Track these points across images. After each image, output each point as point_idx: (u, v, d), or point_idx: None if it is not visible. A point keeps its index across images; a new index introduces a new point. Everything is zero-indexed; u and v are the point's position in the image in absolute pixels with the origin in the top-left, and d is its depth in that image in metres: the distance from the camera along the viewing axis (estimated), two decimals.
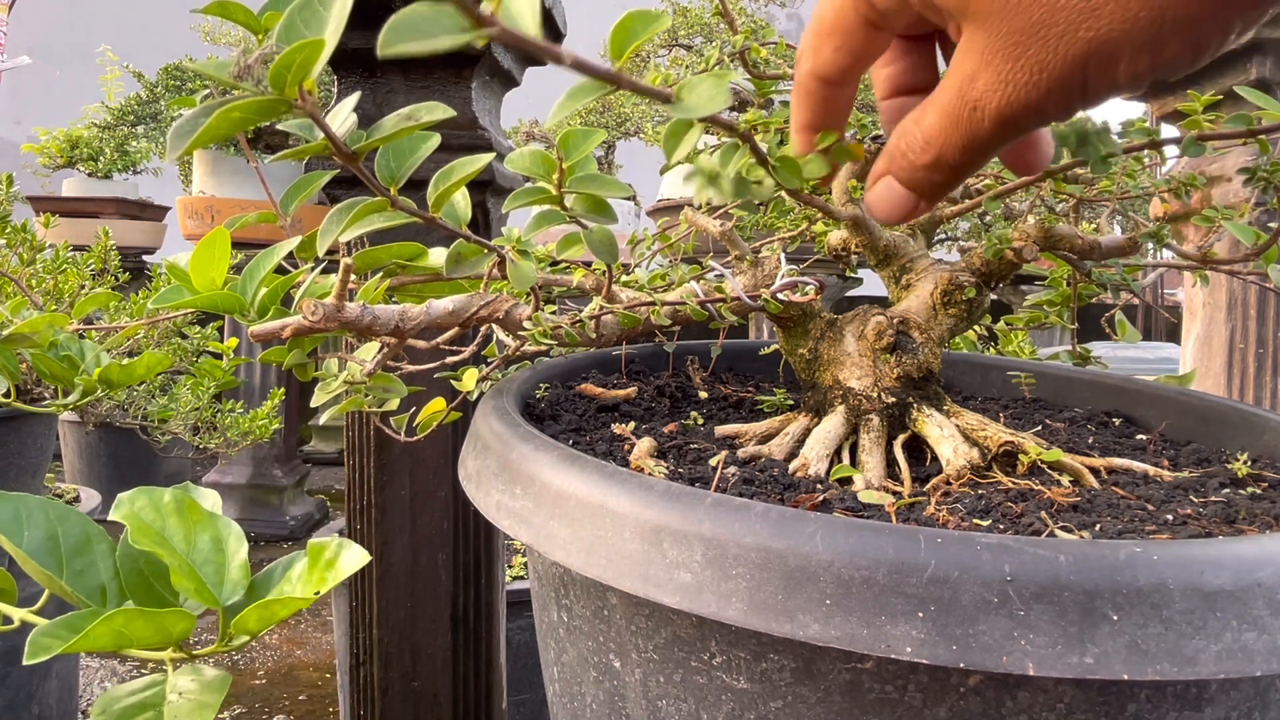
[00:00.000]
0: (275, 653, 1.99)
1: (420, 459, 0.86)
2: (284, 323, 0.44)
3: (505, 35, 0.28)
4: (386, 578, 0.87)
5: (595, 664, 0.45)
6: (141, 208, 3.27)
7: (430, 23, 0.27)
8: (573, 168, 0.45)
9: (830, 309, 2.18)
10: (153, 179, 3.38)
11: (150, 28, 4.54)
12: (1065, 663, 0.30)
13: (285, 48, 0.32)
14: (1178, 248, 0.61)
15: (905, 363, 0.53)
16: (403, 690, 0.89)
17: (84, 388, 0.89)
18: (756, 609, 0.34)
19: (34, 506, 0.53)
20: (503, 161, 0.87)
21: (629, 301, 0.54)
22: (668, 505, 0.37)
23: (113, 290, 1.19)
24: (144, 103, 3.15)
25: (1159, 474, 0.51)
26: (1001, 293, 2.73)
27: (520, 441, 0.45)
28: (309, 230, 0.48)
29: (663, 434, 0.55)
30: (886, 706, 0.35)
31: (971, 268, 0.57)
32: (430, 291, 0.57)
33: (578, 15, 1.08)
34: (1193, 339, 1.41)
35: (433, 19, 0.27)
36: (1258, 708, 0.36)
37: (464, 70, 0.83)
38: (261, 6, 0.42)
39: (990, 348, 1.08)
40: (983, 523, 0.42)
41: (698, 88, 0.34)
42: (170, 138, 0.34)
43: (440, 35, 0.27)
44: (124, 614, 0.46)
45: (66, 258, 1.22)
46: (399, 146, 0.44)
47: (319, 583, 0.51)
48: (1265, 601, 0.31)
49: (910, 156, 0.34)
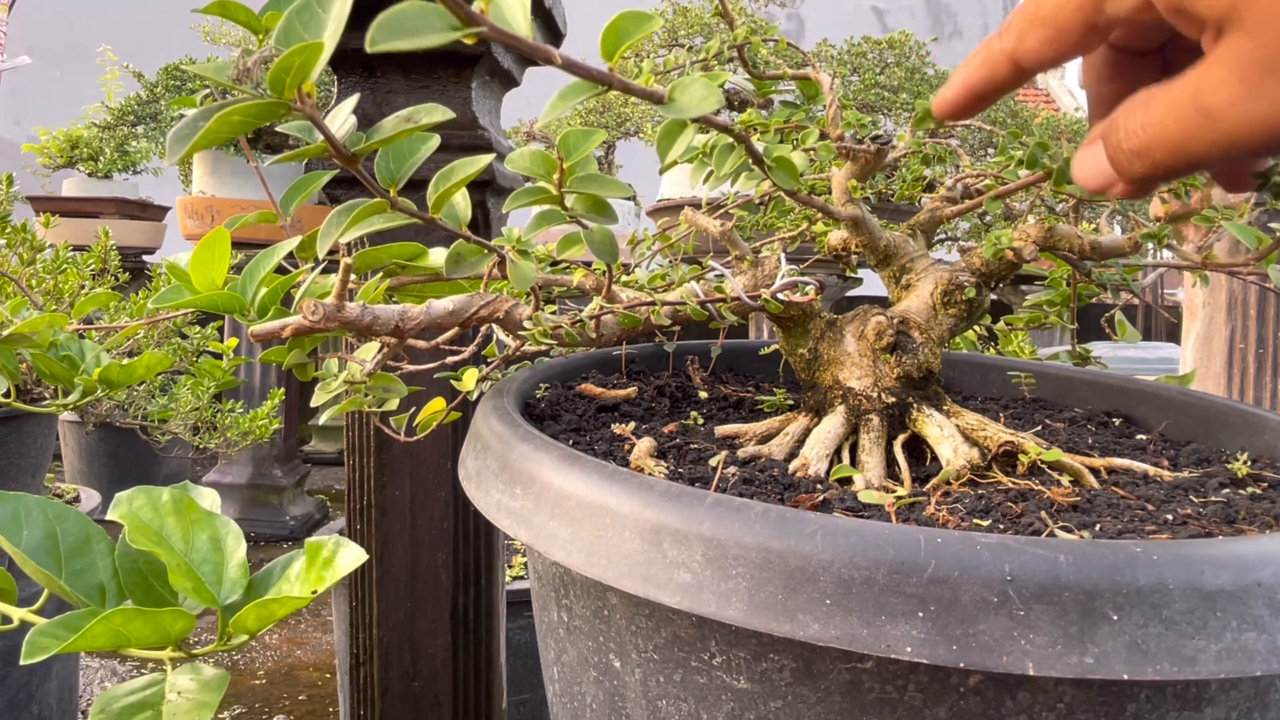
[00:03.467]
0: (275, 653, 1.99)
1: (420, 459, 0.86)
2: (284, 323, 0.44)
3: (495, 34, 0.28)
4: (386, 578, 0.87)
5: (595, 664, 0.45)
6: (141, 208, 3.28)
7: (419, 20, 0.27)
8: (573, 168, 0.45)
9: (830, 309, 2.18)
10: (153, 179, 3.38)
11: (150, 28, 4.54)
12: (1065, 663, 0.30)
13: (284, 50, 0.32)
14: (1178, 248, 0.61)
15: (905, 363, 0.53)
16: (403, 690, 0.89)
17: (84, 388, 0.89)
18: (756, 609, 0.34)
19: (33, 506, 0.53)
20: (503, 161, 0.87)
21: (629, 301, 0.54)
22: (668, 505, 0.37)
23: (113, 290, 1.19)
24: (144, 103, 3.15)
25: (1159, 474, 0.51)
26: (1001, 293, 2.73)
27: (520, 441, 0.45)
28: (309, 230, 0.48)
29: (663, 434, 0.55)
30: (886, 706, 0.35)
31: (971, 268, 0.57)
32: (430, 291, 0.57)
33: (578, 15, 1.08)
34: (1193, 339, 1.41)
35: (421, 17, 0.27)
36: (1258, 708, 0.36)
37: (464, 70, 0.83)
38: (262, 7, 0.42)
39: (990, 348, 1.08)
40: (983, 523, 0.42)
41: (690, 88, 0.34)
42: (170, 141, 0.34)
43: (428, 33, 0.27)
44: (122, 613, 0.46)
45: (66, 258, 1.22)
46: (399, 148, 0.44)
47: (317, 581, 0.51)
48: (1265, 601, 0.31)
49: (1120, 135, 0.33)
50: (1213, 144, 0.30)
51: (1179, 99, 0.31)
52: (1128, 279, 0.63)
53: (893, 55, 2.50)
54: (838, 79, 0.59)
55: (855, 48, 2.53)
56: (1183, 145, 0.31)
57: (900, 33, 2.54)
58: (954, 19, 7.14)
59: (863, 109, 2.43)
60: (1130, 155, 0.33)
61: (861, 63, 2.50)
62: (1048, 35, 0.34)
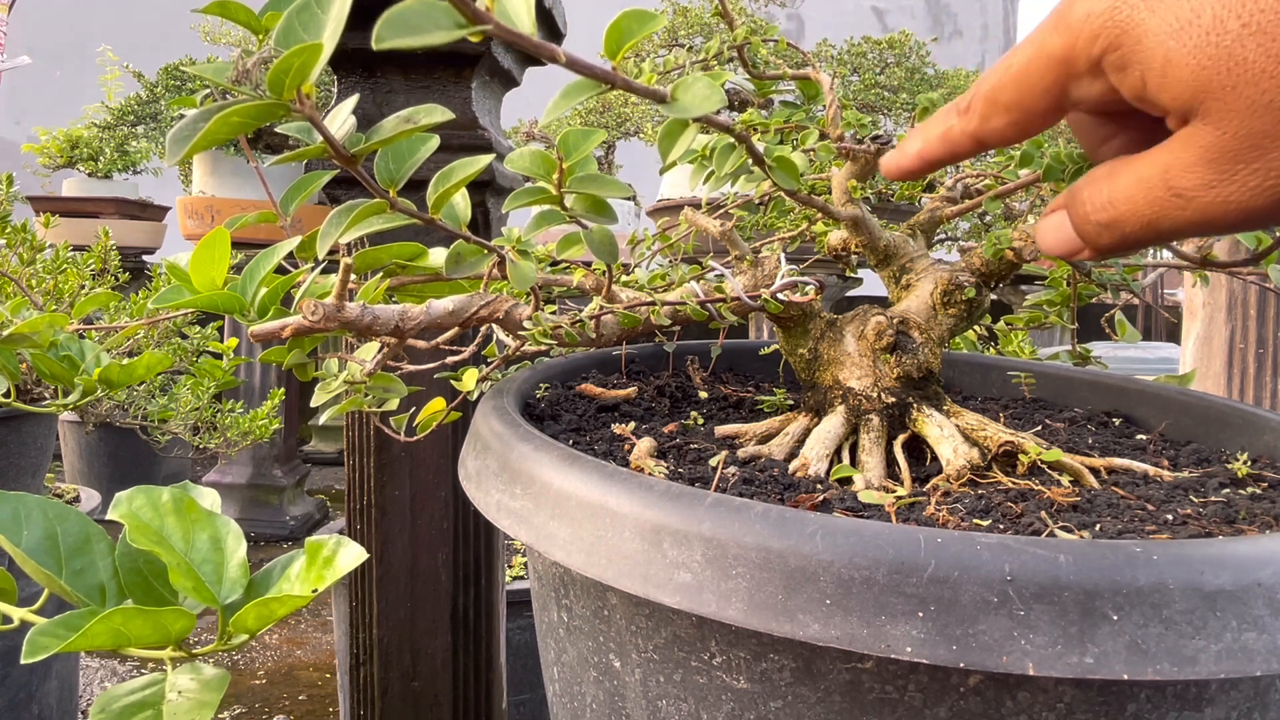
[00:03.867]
0: (275, 653, 1.99)
1: (420, 459, 0.86)
2: (284, 323, 0.44)
3: (500, 32, 0.28)
4: (386, 578, 0.87)
5: (595, 664, 0.45)
6: (141, 208, 3.27)
7: (424, 18, 0.27)
8: (573, 168, 0.45)
9: (830, 309, 2.18)
10: (153, 179, 3.38)
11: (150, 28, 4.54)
12: (1065, 663, 0.30)
13: (283, 51, 0.32)
14: (1178, 248, 0.61)
15: (905, 363, 0.53)
16: (403, 690, 0.89)
17: (84, 388, 0.89)
18: (756, 609, 0.34)
19: (33, 506, 0.53)
20: (503, 161, 0.87)
21: (629, 301, 0.54)
22: (668, 505, 0.37)
23: (113, 290, 1.19)
24: (144, 103, 3.15)
25: (1159, 474, 0.51)
26: (1001, 293, 2.73)
27: (520, 441, 0.45)
28: (309, 230, 0.48)
29: (663, 434, 0.55)
30: (886, 706, 0.35)
31: (971, 268, 0.57)
32: (430, 291, 0.57)
33: (578, 15, 1.08)
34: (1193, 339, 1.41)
35: (427, 14, 0.27)
36: (1258, 708, 0.36)
37: (464, 70, 0.83)
38: (262, 7, 0.42)
39: (990, 348, 1.08)
40: (983, 523, 0.42)
41: (692, 88, 0.34)
42: (169, 142, 0.34)
43: (434, 30, 0.27)
44: (123, 613, 0.46)
45: (66, 258, 1.22)
46: (398, 148, 0.44)
47: (317, 580, 0.51)
48: (1265, 601, 0.31)
49: (1088, 209, 0.34)
50: (1188, 223, 0.31)
51: (1149, 179, 0.31)
52: (1128, 279, 0.63)
53: (893, 55, 2.49)
54: (838, 79, 0.59)
55: (855, 48, 2.53)
56: (1155, 222, 0.31)
57: (900, 33, 2.54)
58: (954, 19, 7.15)
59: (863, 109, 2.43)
60: (1098, 227, 0.33)
61: (861, 63, 2.50)
62: (1014, 119, 0.35)
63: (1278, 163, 0.28)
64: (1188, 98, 0.29)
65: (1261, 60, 0.27)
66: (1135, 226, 0.32)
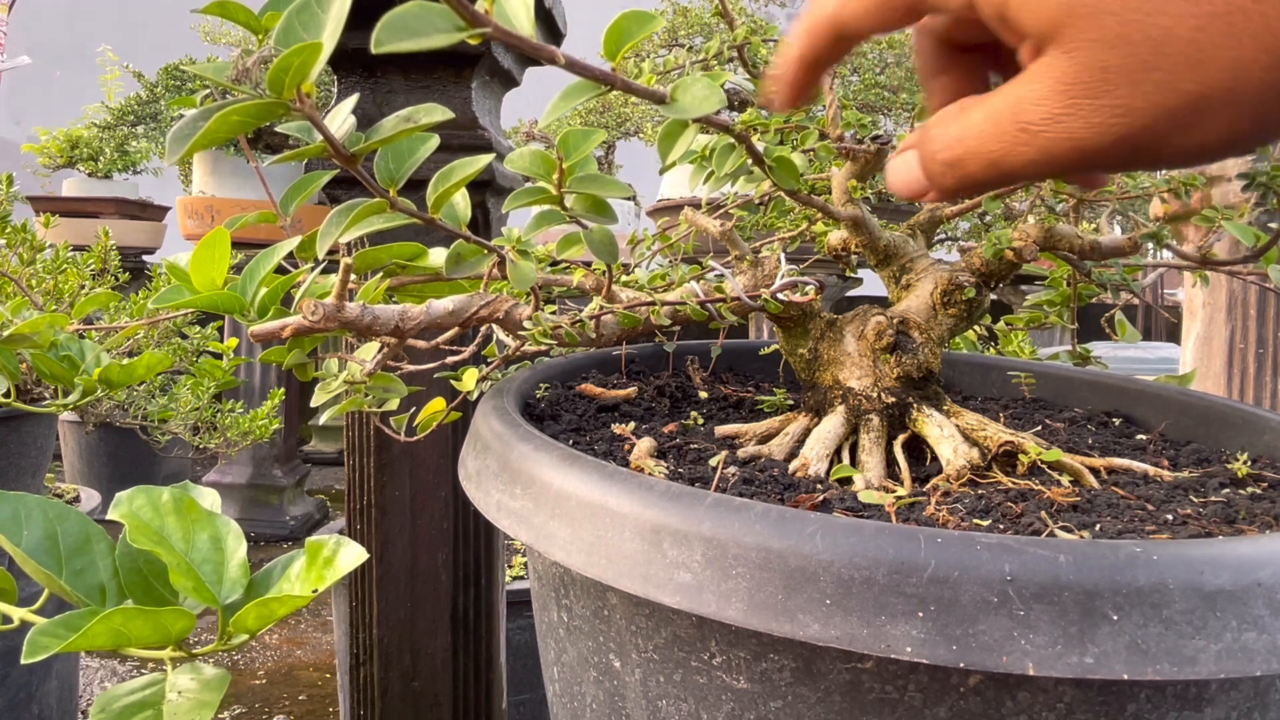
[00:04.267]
0: (275, 653, 1.99)
1: (420, 459, 0.86)
2: (284, 323, 0.44)
3: (499, 34, 0.28)
4: (386, 578, 0.87)
5: (595, 664, 0.45)
6: (141, 208, 3.27)
7: (423, 21, 0.27)
8: (573, 168, 0.45)
9: (830, 309, 2.18)
10: (153, 179, 3.38)
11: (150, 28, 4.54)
12: (1065, 663, 0.30)
13: (283, 50, 0.32)
14: (1178, 248, 0.61)
15: (905, 363, 0.53)
16: (403, 690, 0.89)
17: (84, 388, 0.89)
18: (756, 609, 0.34)
19: (33, 506, 0.53)
20: (503, 161, 0.87)
21: (629, 301, 0.54)
22: (668, 505, 0.37)
23: (113, 290, 1.19)
24: (144, 103, 3.15)
25: (1159, 474, 0.51)
26: (1001, 293, 2.73)
27: (520, 441, 0.45)
28: (309, 230, 0.48)
29: (663, 434, 0.55)
30: (886, 706, 0.35)
31: (971, 268, 0.57)
32: (430, 291, 0.57)
33: (578, 15, 1.08)
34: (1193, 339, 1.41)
35: (426, 17, 0.27)
36: (1258, 708, 0.36)
37: (464, 70, 0.83)
38: (262, 7, 0.42)
39: (990, 348, 1.08)
40: (983, 523, 0.42)
41: (692, 88, 0.34)
42: (169, 141, 0.34)
43: (433, 34, 0.27)
44: (123, 613, 0.46)
45: (66, 258, 1.22)
46: (398, 148, 0.44)
47: (317, 580, 0.51)
48: (1265, 601, 0.31)
49: (935, 146, 0.32)
50: (1029, 161, 0.29)
51: (999, 112, 0.30)
52: (1128, 279, 0.63)
53: (892, 55, 2.49)
54: (837, 79, 0.59)
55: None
56: (999, 160, 0.30)
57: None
58: None
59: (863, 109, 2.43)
60: (943, 166, 0.32)
61: (861, 63, 2.50)
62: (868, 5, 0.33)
63: (1124, 99, 0.27)
64: (1048, 21, 0.28)
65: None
66: (979, 165, 0.31)
